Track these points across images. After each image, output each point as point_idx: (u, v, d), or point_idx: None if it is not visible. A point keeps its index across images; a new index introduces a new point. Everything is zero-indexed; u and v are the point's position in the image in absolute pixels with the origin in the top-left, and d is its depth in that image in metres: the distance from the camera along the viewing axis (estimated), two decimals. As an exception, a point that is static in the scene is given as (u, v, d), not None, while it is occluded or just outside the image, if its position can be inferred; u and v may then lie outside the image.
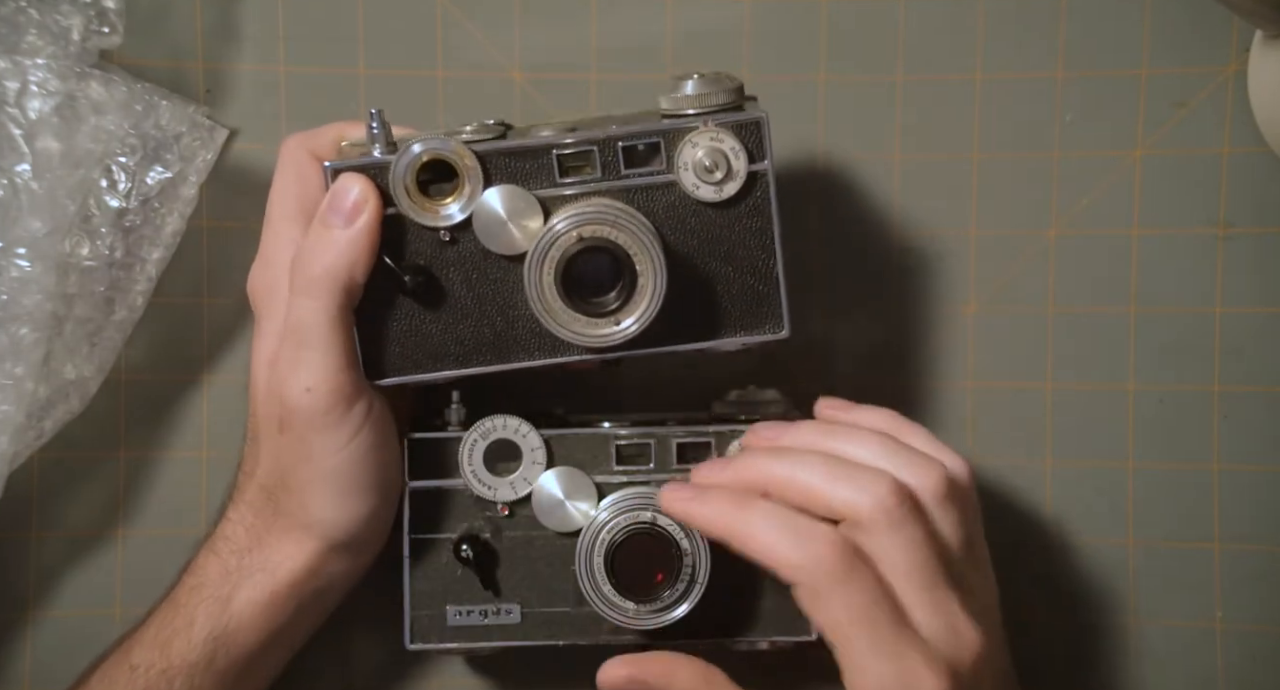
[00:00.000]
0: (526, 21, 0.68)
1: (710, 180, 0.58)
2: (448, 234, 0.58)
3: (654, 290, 0.57)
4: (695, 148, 0.57)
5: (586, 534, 0.60)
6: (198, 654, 0.60)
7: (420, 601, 0.62)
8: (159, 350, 0.68)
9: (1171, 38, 0.67)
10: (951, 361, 0.69)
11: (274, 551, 0.61)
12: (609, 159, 0.58)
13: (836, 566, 0.53)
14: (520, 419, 0.61)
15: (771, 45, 0.68)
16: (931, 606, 0.55)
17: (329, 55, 0.68)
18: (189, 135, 0.66)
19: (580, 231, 0.56)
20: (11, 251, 0.62)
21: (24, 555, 0.68)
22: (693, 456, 0.61)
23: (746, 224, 0.58)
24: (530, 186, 0.58)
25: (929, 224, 0.69)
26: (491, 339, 0.59)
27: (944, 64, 0.68)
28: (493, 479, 0.61)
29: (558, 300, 0.57)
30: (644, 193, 0.58)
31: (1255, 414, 0.68)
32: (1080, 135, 0.68)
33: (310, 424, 0.58)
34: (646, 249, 0.56)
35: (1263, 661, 0.68)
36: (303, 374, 0.57)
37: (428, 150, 0.57)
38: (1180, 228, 0.68)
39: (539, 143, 0.58)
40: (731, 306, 0.59)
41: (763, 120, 0.58)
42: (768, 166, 0.58)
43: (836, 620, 0.54)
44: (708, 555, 0.59)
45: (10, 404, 0.62)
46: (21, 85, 0.62)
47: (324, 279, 0.57)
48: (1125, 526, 0.69)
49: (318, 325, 0.57)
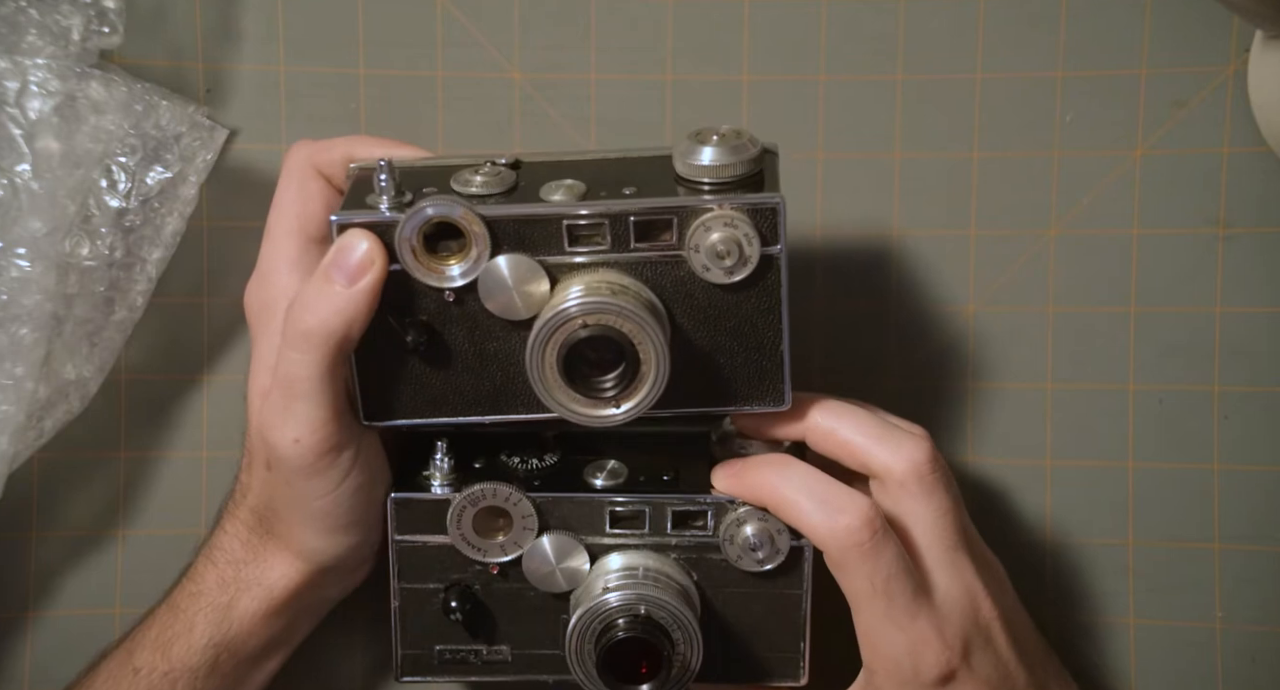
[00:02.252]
0: (526, 21, 0.68)
1: (722, 265, 0.56)
2: (452, 294, 0.57)
3: (655, 378, 0.56)
4: (709, 231, 0.56)
5: (577, 623, 0.58)
6: (199, 659, 0.61)
7: (410, 641, 0.62)
8: (159, 350, 0.68)
9: (1171, 38, 0.67)
10: (951, 361, 0.69)
11: (269, 569, 0.61)
12: (619, 232, 0.56)
13: (863, 540, 0.56)
14: (510, 487, 0.59)
15: (771, 45, 0.68)
16: (951, 570, 0.58)
17: (329, 55, 0.68)
18: (189, 135, 0.66)
19: (586, 319, 0.55)
20: (11, 251, 0.62)
21: (24, 555, 0.68)
22: (689, 523, 0.60)
23: (755, 304, 0.57)
24: (537, 253, 0.56)
25: (929, 224, 0.69)
26: (491, 392, 0.59)
27: (944, 64, 0.68)
28: (482, 541, 0.60)
29: (559, 383, 0.56)
30: (653, 266, 0.57)
31: (1255, 414, 0.68)
32: (1080, 135, 0.68)
33: (297, 472, 0.57)
34: (651, 338, 0.55)
35: (1263, 661, 0.68)
36: (291, 425, 0.57)
37: (437, 216, 0.56)
38: (1180, 228, 0.68)
39: (550, 212, 0.56)
40: (734, 379, 0.58)
41: (779, 206, 0.56)
42: (780, 250, 0.56)
43: (858, 589, 0.57)
44: (701, 650, 0.58)
45: (10, 404, 0.62)
46: (21, 85, 0.62)
47: (318, 334, 0.56)
48: (1125, 526, 0.69)
49: (308, 379, 0.56)
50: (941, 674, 0.57)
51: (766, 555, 0.59)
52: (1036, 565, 0.69)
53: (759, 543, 0.59)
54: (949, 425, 0.69)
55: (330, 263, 0.56)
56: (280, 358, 0.57)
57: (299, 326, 0.56)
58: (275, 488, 0.59)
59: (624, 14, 0.68)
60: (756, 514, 0.59)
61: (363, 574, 0.64)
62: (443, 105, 0.68)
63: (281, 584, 0.61)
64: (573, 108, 0.68)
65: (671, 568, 0.60)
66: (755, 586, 0.60)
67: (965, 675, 0.57)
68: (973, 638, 0.58)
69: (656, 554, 0.60)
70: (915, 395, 0.69)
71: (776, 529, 0.59)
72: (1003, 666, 0.58)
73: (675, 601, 0.58)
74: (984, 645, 0.58)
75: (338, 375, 0.57)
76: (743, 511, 0.59)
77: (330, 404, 0.57)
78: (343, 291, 0.56)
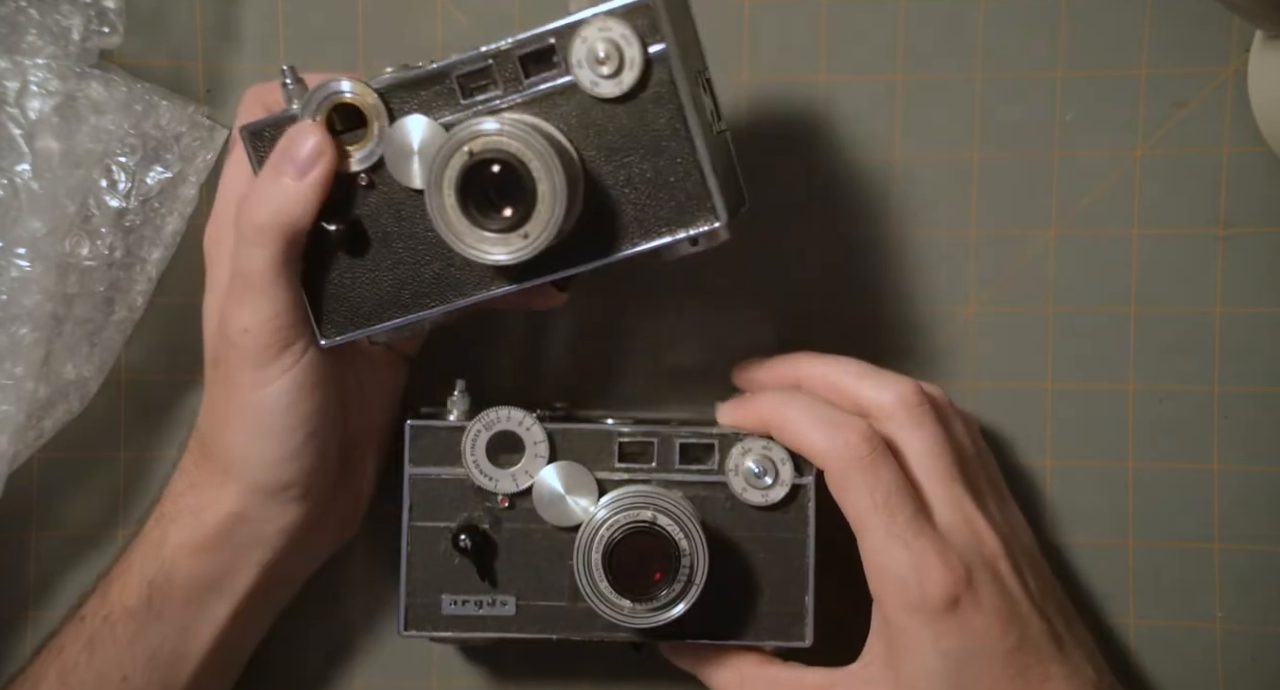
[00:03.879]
0: (526, 22, 0.68)
1: (603, 73, 0.55)
2: (365, 178, 0.58)
3: (555, 197, 0.54)
4: (585, 42, 0.55)
5: (586, 530, 0.59)
6: (135, 598, 0.61)
7: (416, 589, 0.62)
8: (159, 350, 0.68)
9: (1171, 38, 0.67)
10: (951, 361, 0.69)
11: (201, 495, 0.61)
12: (509, 73, 0.56)
13: (863, 453, 0.58)
14: (525, 411, 0.61)
15: (772, 45, 0.68)
16: (949, 501, 0.59)
17: (329, 55, 0.68)
18: (189, 135, 0.66)
19: (471, 146, 0.55)
20: (11, 251, 0.62)
21: (24, 555, 0.68)
22: (695, 457, 0.61)
23: (655, 113, 0.56)
24: (436, 114, 0.57)
25: (929, 224, 0.69)
26: (434, 279, 0.59)
27: (944, 64, 0.68)
28: (494, 470, 0.61)
29: (462, 221, 0.55)
30: (549, 101, 0.56)
31: (1255, 414, 0.68)
32: (1080, 135, 0.68)
33: (241, 361, 0.58)
34: (540, 154, 0.54)
35: (1263, 661, 0.68)
36: (244, 315, 0.58)
37: (331, 92, 0.57)
38: (1180, 228, 0.68)
39: (436, 68, 0.56)
40: (659, 204, 0.57)
41: (653, 3, 0.55)
42: (666, 48, 0.55)
43: (860, 506, 0.58)
44: (706, 556, 0.59)
45: (10, 404, 0.62)
46: (21, 85, 0.62)
47: (270, 228, 0.57)
48: (1125, 526, 0.69)
49: (262, 272, 0.57)
50: (948, 595, 0.57)
51: (771, 485, 0.61)
52: (1036, 565, 0.69)
53: (762, 470, 0.60)
54: (949, 425, 0.69)
55: (279, 156, 0.57)
56: (237, 254, 0.58)
57: (253, 221, 0.57)
58: (217, 386, 0.60)
59: (624, 14, 0.68)
60: (760, 444, 0.61)
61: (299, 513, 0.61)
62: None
63: (210, 509, 0.61)
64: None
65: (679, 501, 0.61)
66: (760, 530, 0.61)
67: (970, 602, 0.57)
68: (976, 567, 0.58)
69: (664, 489, 0.61)
70: (915, 395, 0.69)
71: (780, 459, 0.61)
72: (1011, 602, 0.58)
73: (681, 507, 0.59)
74: (990, 578, 0.58)
75: (291, 271, 0.58)
76: (747, 442, 0.61)
77: (281, 299, 0.58)
78: (293, 185, 0.57)
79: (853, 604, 0.60)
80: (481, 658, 0.69)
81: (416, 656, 0.69)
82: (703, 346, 0.69)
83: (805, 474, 0.61)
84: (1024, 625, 0.58)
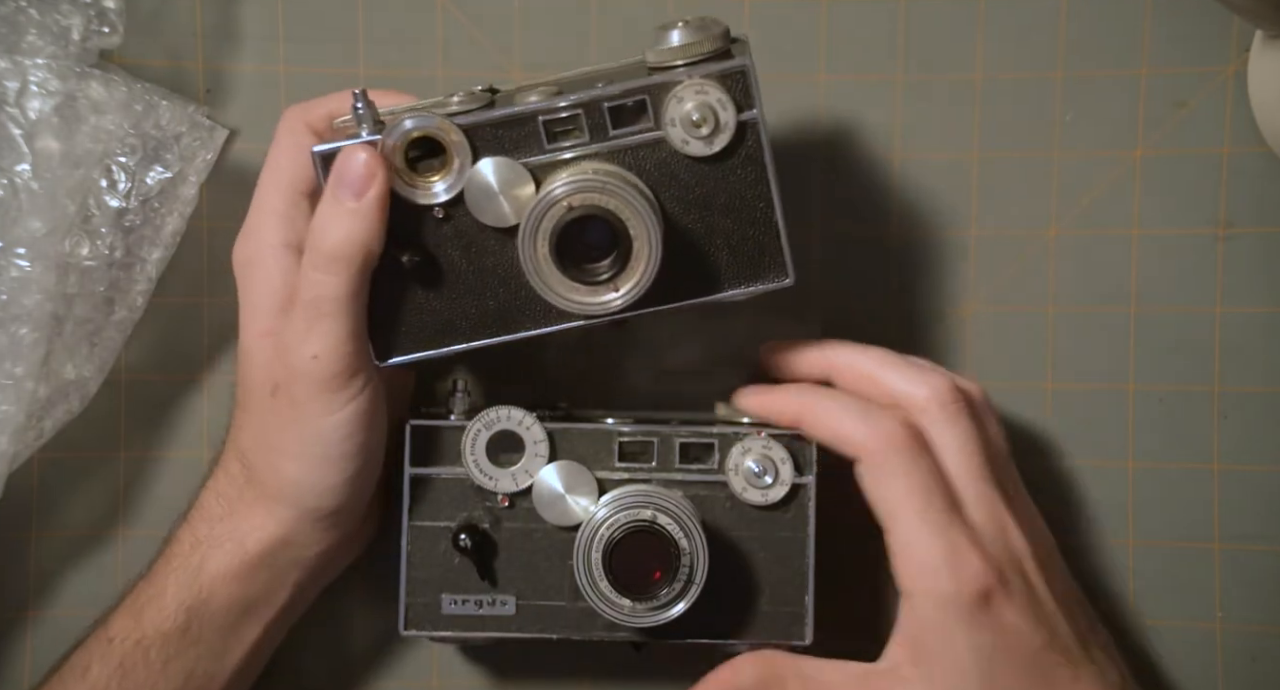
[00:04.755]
0: (526, 21, 0.68)
1: (698, 135, 0.56)
2: (441, 211, 0.58)
3: (649, 254, 0.56)
4: (681, 102, 0.56)
5: (586, 529, 0.59)
6: (171, 623, 0.61)
7: (416, 589, 0.62)
8: (159, 350, 0.68)
9: (1171, 38, 0.67)
10: (951, 361, 0.69)
11: (244, 521, 0.61)
12: (596, 121, 0.57)
13: (901, 443, 0.57)
14: (524, 411, 0.61)
15: (772, 45, 0.68)
16: (981, 500, 0.58)
17: (329, 55, 0.68)
18: (189, 135, 0.66)
19: (571, 201, 0.55)
20: (11, 251, 0.62)
21: (24, 555, 0.68)
22: (695, 457, 0.61)
23: (741, 175, 0.57)
24: (519, 155, 0.57)
25: (929, 224, 0.69)
26: (496, 311, 0.59)
27: (944, 64, 0.68)
28: (494, 469, 0.61)
29: (554, 272, 0.56)
30: (634, 152, 0.57)
31: (1255, 414, 0.68)
32: (1080, 135, 0.68)
33: (309, 389, 0.58)
34: (639, 213, 0.55)
35: (1263, 661, 0.68)
36: (313, 342, 0.57)
37: (414, 128, 0.56)
38: (1180, 228, 0.68)
39: (524, 110, 0.57)
40: (734, 258, 0.58)
41: (748, 68, 0.56)
42: (757, 114, 0.57)
43: (895, 496, 0.57)
44: (706, 555, 0.59)
45: (10, 404, 0.62)
46: (21, 85, 0.62)
47: (338, 254, 0.57)
48: (1125, 526, 0.69)
49: (334, 299, 0.57)
50: (982, 588, 0.56)
51: (771, 484, 0.60)
52: (1036, 565, 0.69)
53: (762, 470, 0.60)
54: (949, 425, 0.69)
55: (335, 182, 0.57)
56: (305, 282, 0.57)
57: (321, 249, 0.57)
58: (275, 414, 0.59)
59: (624, 14, 0.68)
60: (760, 443, 0.60)
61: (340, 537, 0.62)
62: (443, 105, 0.68)
63: (254, 536, 0.61)
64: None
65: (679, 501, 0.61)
66: (760, 530, 0.61)
67: (1003, 599, 0.57)
68: (1006, 565, 0.57)
69: (664, 489, 0.61)
70: (915, 395, 0.69)
71: (780, 458, 0.60)
72: (1038, 603, 0.58)
73: (681, 507, 0.59)
74: (1019, 576, 0.58)
75: (361, 295, 0.58)
76: (747, 441, 0.60)
77: (351, 325, 0.57)
78: (353, 206, 0.56)
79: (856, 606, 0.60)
80: (481, 657, 0.69)
81: (416, 656, 0.69)
82: (703, 346, 0.69)
83: (805, 474, 0.61)
84: (1053, 625, 0.58)
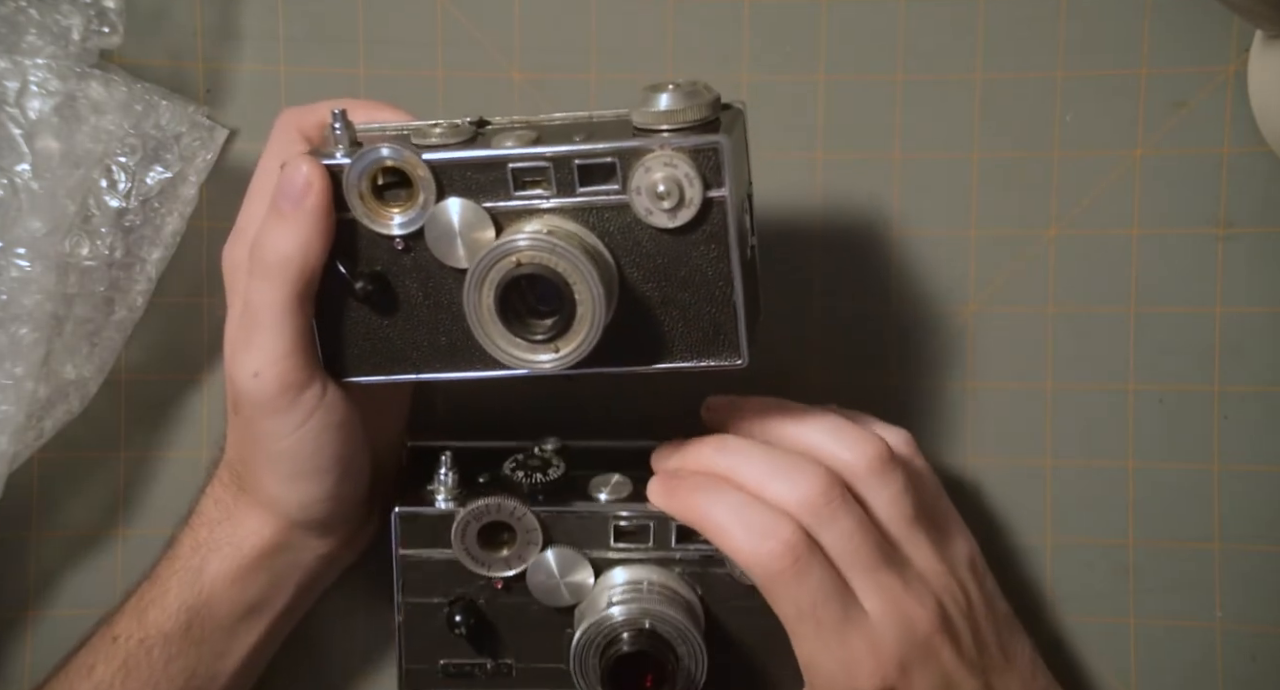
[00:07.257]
0: (526, 21, 0.68)
1: (662, 207, 0.55)
2: (401, 242, 0.57)
3: (593, 320, 0.54)
4: (649, 172, 0.54)
5: (583, 633, 0.58)
6: (173, 623, 0.61)
7: (414, 656, 0.62)
8: (159, 350, 0.68)
9: (1171, 38, 0.67)
10: (951, 361, 0.69)
11: (240, 526, 0.61)
12: (565, 177, 0.55)
13: (785, 564, 0.56)
14: (515, 501, 0.59)
15: (771, 45, 0.68)
16: (876, 591, 0.57)
17: (329, 55, 0.68)
18: (189, 135, 0.66)
19: (520, 257, 0.54)
20: (11, 251, 0.62)
21: (24, 555, 0.68)
22: (692, 537, 0.60)
23: (703, 251, 0.56)
24: (484, 199, 0.56)
25: (929, 224, 0.69)
26: (448, 347, 0.58)
27: (944, 64, 0.68)
28: (486, 555, 0.60)
29: (496, 324, 0.55)
30: (599, 213, 0.56)
31: (1255, 414, 0.68)
32: (1080, 135, 0.68)
33: (258, 409, 0.57)
34: (586, 279, 0.54)
35: (1262, 661, 0.68)
36: (253, 357, 0.57)
37: (382, 159, 0.56)
38: (1180, 228, 0.68)
39: (494, 156, 0.56)
40: (688, 332, 0.57)
41: (720, 146, 0.54)
42: (725, 194, 0.55)
43: (787, 614, 0.57)
44: (705, 661, 0.58)
45: (10, 404, 0.62)
46: (21, 85, 0.62)
47: (276, 263, 0.56)
48: (1125, 526, 0.69)
49: (269, 308, 0.56)
50: (881, 685, 0.57)
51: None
52: (1036, 565, 0.69)
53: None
54: (949, 425, 0.69)
55: (277, 192, 0.56)
56: (248, 291, 0.57)
57: (260, 258, 0.56)
58: (242, 431, 0.59)
59: (624, 14, 0.68)
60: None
61: (340, 537, 0.62)
62: (443, 105, 0.68)
63: (250, 541, 0.61)
64: (573, 108, 0.68)
65: (676, 582, 0.60)
66: (759, 601, 0.60)
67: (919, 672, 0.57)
68: (910, 657, 0.57)
69: (661, 568, 0.60)
70: (915, 395, 0.69)
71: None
72: (946, 678, 0.58)
73: (680, 615, 0.58)
74: (924, 661, 0.58)
75: (301, 310, 0.57)
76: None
77: (290, 338, 0.56)
78: (291, 215, 0.56)
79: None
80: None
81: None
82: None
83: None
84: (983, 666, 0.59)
